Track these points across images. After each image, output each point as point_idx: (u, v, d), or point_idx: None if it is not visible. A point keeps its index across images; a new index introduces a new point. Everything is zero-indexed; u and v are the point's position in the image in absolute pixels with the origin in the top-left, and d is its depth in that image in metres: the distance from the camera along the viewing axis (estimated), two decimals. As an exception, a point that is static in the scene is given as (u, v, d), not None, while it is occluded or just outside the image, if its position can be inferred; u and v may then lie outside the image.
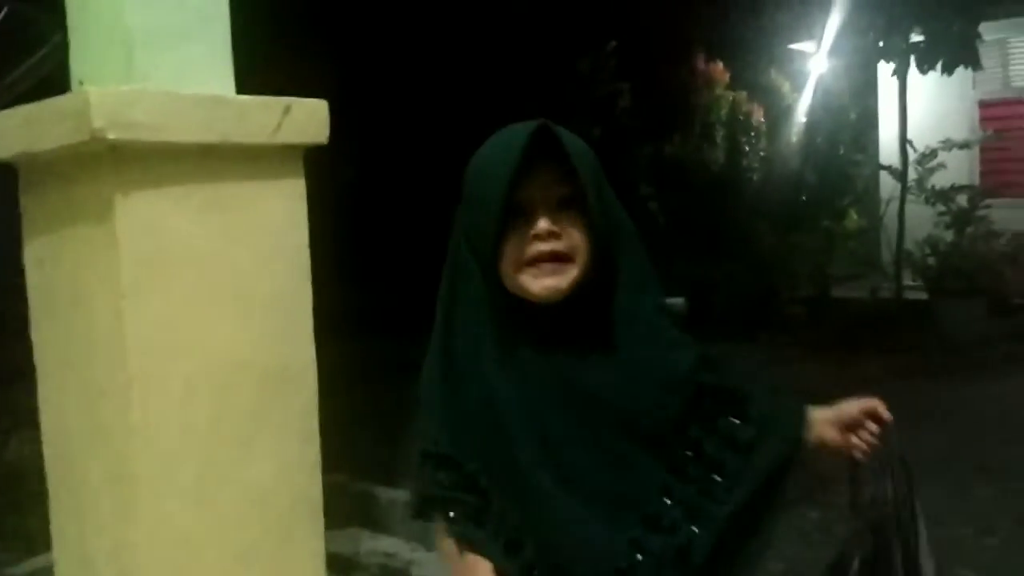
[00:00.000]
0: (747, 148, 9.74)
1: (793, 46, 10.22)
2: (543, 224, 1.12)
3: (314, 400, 1.51)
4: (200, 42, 1.45)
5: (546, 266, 1.12)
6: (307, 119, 1.47)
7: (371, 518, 3.57)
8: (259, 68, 1.84)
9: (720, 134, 9.73)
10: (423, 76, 8.55)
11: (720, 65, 9.84)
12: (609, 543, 1.10)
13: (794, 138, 9.75)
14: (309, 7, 7.50)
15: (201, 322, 1.37)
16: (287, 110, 1.44)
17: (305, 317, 1.50)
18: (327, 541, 3.48)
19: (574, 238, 1.13)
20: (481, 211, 1.12)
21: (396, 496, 3.58)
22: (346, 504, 3.81)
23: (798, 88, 9.97)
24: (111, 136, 1.26)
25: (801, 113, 9.88)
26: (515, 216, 1.12)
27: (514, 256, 1.12)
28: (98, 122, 1.24)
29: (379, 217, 8.35)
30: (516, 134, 1.12)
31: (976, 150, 8.87)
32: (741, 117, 9.72)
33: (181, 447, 1.35)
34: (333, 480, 3.98)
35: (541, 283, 1.12)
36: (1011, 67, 9.36)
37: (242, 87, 1.52)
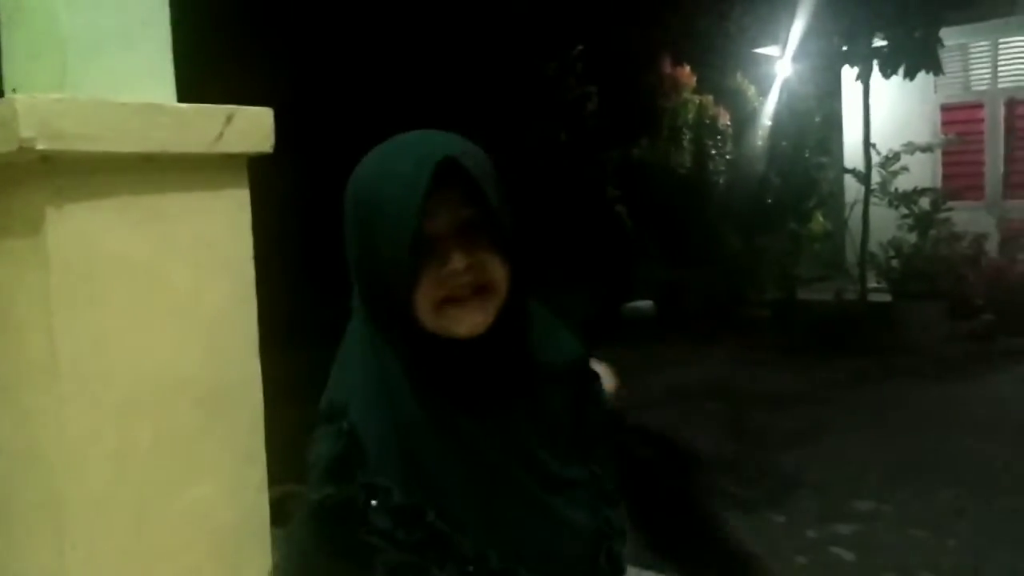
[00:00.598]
0: (713, 151, 9.80)
1: (759, 50, 10.30)
2: (458, 261, 1.02)
3: (259, 417, 1.46)
4: (139, 49, 1.40)
5: (469, 302, 1.03)
6: (251, 127, 1.43)
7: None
8: (205, 75, 1.79)
9: (687, 138, 9.78)
10: (383, 80, 8.50)
11: (687, 69, 9.89)
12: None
13: (760, 141, 9.83)
14: (262, 10, 7.40)
15: (138, 339, 1.32)
16: (229, 118, 1.39)
17: (249, 332, 1.45)
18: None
19: (490, 266, 1.04)
20: (385, 247, 1.01)
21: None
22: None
23: (763, 92, 10.05)
24: (41, 146, 1.20)
25: (766, 117, 9.96)
26: (421, 247, 1.01)
27: (431, 295, 1.02)
28: (26, 132, 1.19)
29: (334, 224, 8.29)
30: (419, 161, 1.00)
31: (938, 153, 8.99)
32: (707, 121, 9.79)
33: (118, 469, 1.30)
34: (295, 491, 3.94)
35: (467, 322, 1.03)
36: (972, 72, 9.50)
37: (185, 95, 1.47)
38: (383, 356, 1.04)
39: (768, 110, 9.92)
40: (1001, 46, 9.27)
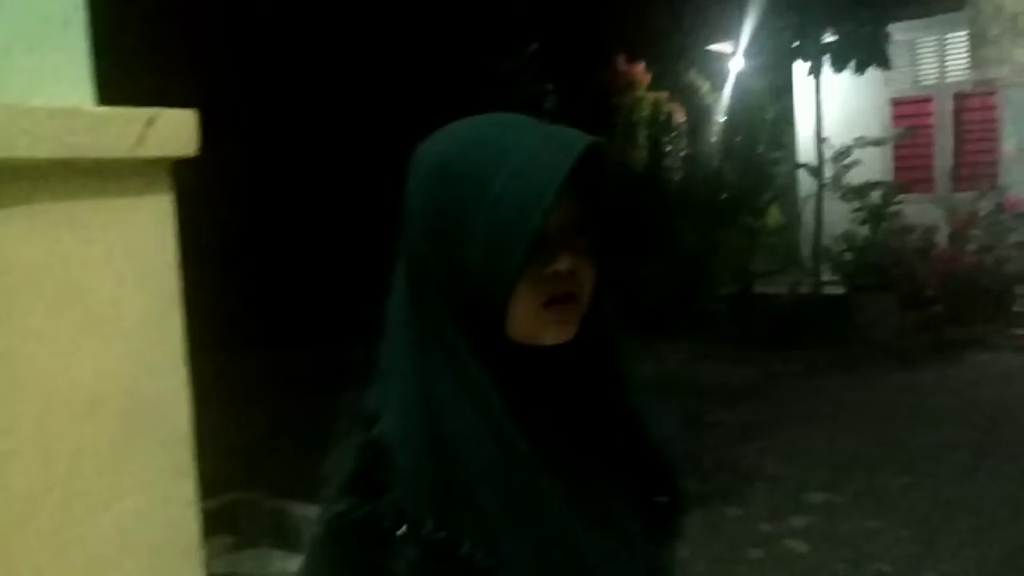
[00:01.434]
0: (668, 148, 9.83)
1: (712, 47, 10.37)
2: (566, 263, 0.91)
3: (188, 430, 1.42)
4: (55, 50, 1.35)
5: (560, 309, 0.92)
6: (174, 130, 1.38)
7: (284, 536, 3.46)
8: (132, 76, 1.74)
9: (642, 134, 9.80)
10: (328, 78, 8.39)
11: (641, 66, 9.91)
12: None
13: (714, 137, 9.88)
14: (195, 5, 7.26)
15: (55, 353, 1.27)
16: (150, 121, 1.35)
17: (174, 342, 1.41)
18: (237, 562, 3.36)
19: (584, 275, 0.94)
20: (498, 240, 0.86)
21: (311, 513, 3.48)
22: (259, 522, 3.70)
23: (717, 88, 10.11)
24: (-54, 153, 1.16)
25: (721, 113, 10.01)
26: (536, 246, 0.88)
27: (531, 299, 0.91)
28: (-69, 138, 1.14)
29: (282, 226, 8.17)
30: (559, 145, 0.88)
31: (889, 147, 9.10)
32: (662, 118, 9.81)
33: (37, 488, 1.25)
34: (246, 497, 3.87)
35: (557, 331, 0.93)
36: (919, 66, 9.64)
37: (112, 98, 1.42)
38: (432, 360, 0.92)
39: (722, 106, 9.98)
40: (948, 41, 9.43)
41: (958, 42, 9.34)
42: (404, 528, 0.85)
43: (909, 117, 9.54)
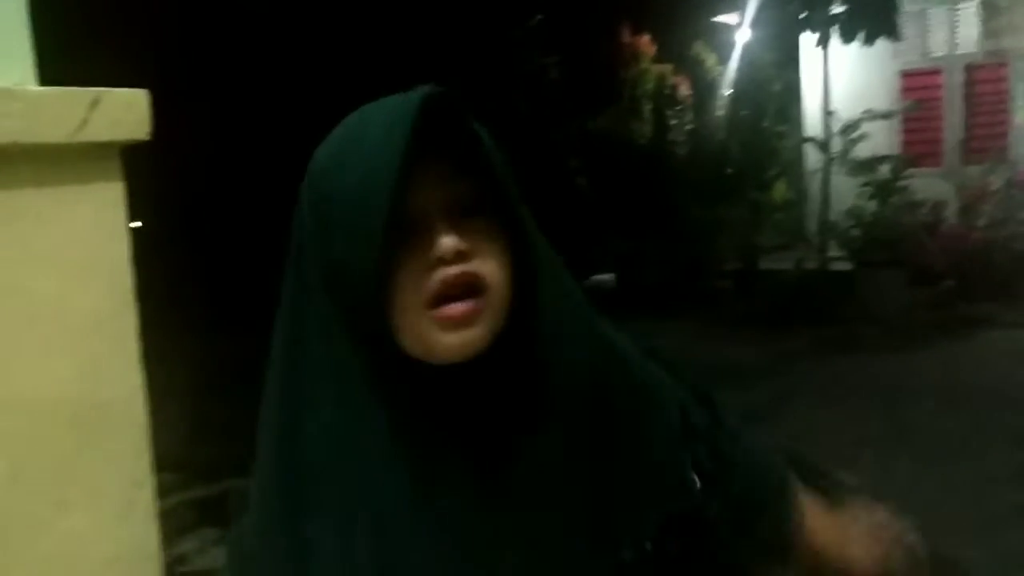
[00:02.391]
0: (673, 121, 9.68)
1: (718, 18, 10.18)
2: (448, 241, 0.73)
3: (144, 437, 1.31)
4: (-11, 25, 1.23)
5: (456, 307, 0.73)
6: (122, 112, 1.26)
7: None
8: (78, 57, 1.62)
9: (647, 107, 9.65)
10: (324, 48, 8.21)
11: (646, 38, 9.74)
12: None
13: (720, 110, 9.73)
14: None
15: (-7, 356, 1.17)
16: (95, 103, 1.23)
17: (128, 342, 1.29)
18: (217, 553, 3.27)
19: (487, 259, 0.75)
20: (351, 229, 0.73)
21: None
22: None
23: (723, 60, 9.94)
24: None
25: (727, 85, 9.85)
26: (399, 233, 0.73)
27: (407, 295, 0.74)
28: None
29: (246, 205, 8.01)
30: (395, 108, 0.73)
31: (898, 120, 8.93)
32: (667, 90, 9.66)
33: (-28, 504, 1.15)
34: (239, 486, 3.80)
35: (454, 339, 0.74)
36: (929, 37, 9.43)
37: (52, 79, 1.30)
38: (309, 394, 0.77)
39: (728, 79, 9.81)
40: (959, 11, 9.22)
41: (969, 12, 9.13)
42: None
43: (918, 89, 9.35)
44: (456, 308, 0.74)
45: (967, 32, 9.22)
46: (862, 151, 7.95)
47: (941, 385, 5.45)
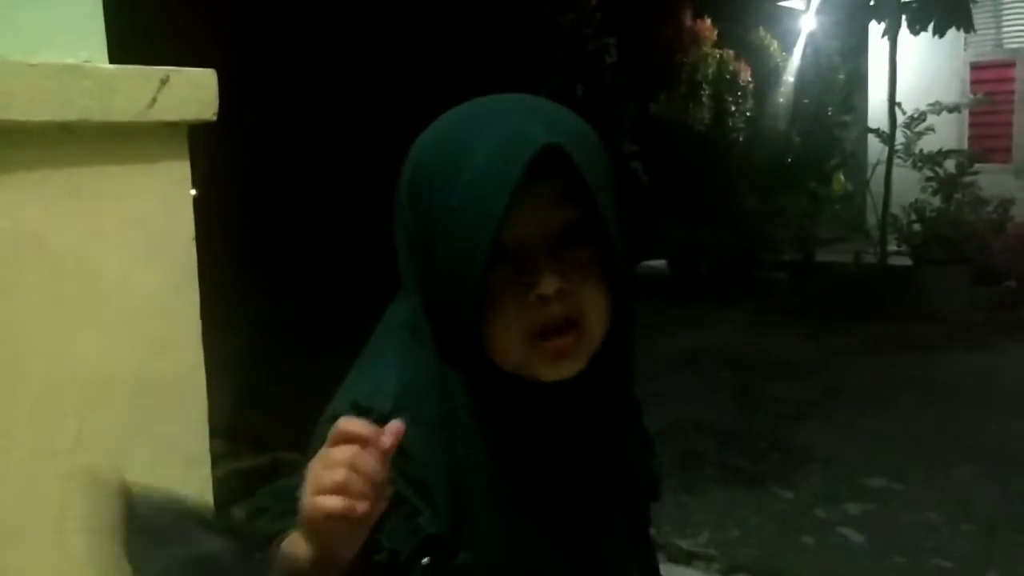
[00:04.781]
0: (733, 108, 9.52)
1: (782, 3, 9.97)
2: (550, 282, 0.76)
3: (203, 416, 1.32)
4: (62, 2, 1.23)
5: (558, 342, 0.78)
6: (190, 92, 1.27)
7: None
8: (149, 36, 1.62)
9: (706, 93, 9.50)
10: (381, 31, 8.22)
11: (708, 22, 9.58)
12: None
13: (781, 98, 9.53)
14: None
15: (58, 331, 1.18)
16: (164, 82, 1.23)
17: (190, 322, 1.30)
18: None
19: (587, 293, 0.79)
20: (450, 255, 0.76)
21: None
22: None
23: (787, 47, 9.73)
24: (-62, 114, 1.06)
25: (789, 73, 9.64)
26: (502, 260, 0.76)
27: (508, 320, 0.78)
28: (-79, 97, 1.04)
29: (314, 186, 8.07)
30: (509, 142, 0.75)
31: (966, 114, 8.67)
32: (728, 76, 9.49)
33: (34, 478, 1.17)
34: (287, 458, 3.82)
35: (556, 366, 0.79)
36: (1004, 28, 9.13)
37: (122, 57, 1.30)
38: (448, 378, 0.81)
39: (791, 66, 9.61)
40: (1036, 1, 8.91)
41: (1047, 3, 8.83)
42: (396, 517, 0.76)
43: (989, 82, 9.06)
44: (558, 344, 0.78)
45: (1044, 24, 8.91)
46: (928, 144, 7.74)
47: (1002, 389, 5.31)
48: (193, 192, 1.52)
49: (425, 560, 0.78)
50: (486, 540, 0.80)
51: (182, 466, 1.31)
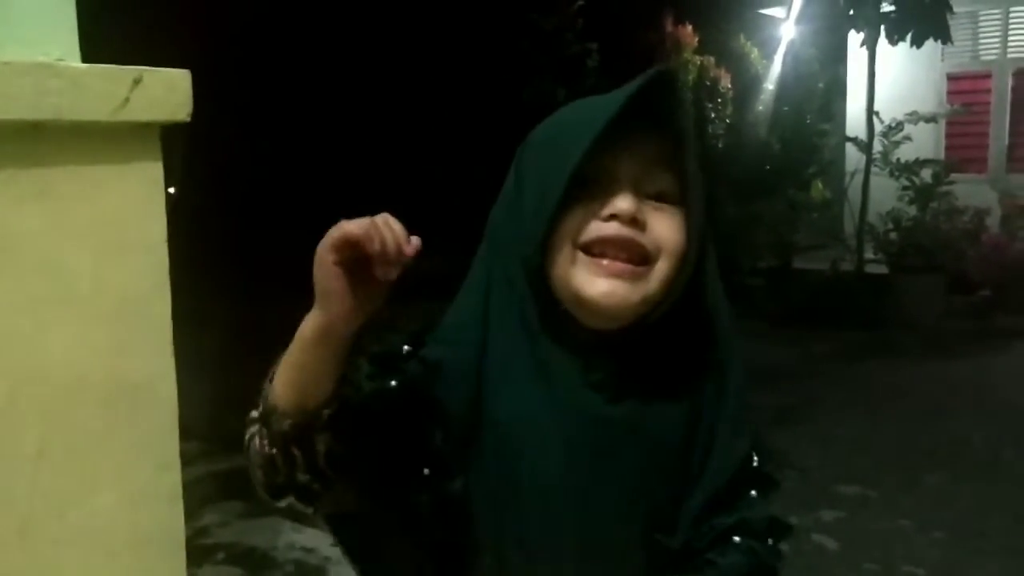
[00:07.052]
0: (713, 115, 9.55)
1: (763, 11, 10.03)
2: (625, 203, 0.80)
3: (173, 418, 1.31)
4: (33, -2, 1.21)
5: (614, 263, 0.81)
6: (164, 92, 1.25)
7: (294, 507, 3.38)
8: (122, 33, 1.60)
9: (686, 99, 9.53)
10: (362, 34, 8.20)
11: (689, 28, 9.61)
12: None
13: (761, 106, 9.57)
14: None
15: (26, 332, 1.16)
16: (138, 81, 1.21)
17: (162, 323, 1.28)
18: (246, 531, 3.29)
19: (664, 236, 0.83)
20: (540, 182, 0.81)
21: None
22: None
23: (767, 55, 9.78)
24: (-97, 111, 1.04)
25: (769, 80, 9.69)
26: (586, 191, 0.82)
27: (570, 235, 0.81)
28: None
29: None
30: (617, 92, 0.82)
31: (942, 124, 8.76)
32: (708, 83, 9.52)
33: (2, 479, 1.15)
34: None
35: (601, 285, 0.81)
36: (980, 40, 9.23)
37: (93, 56, 1.28)
38: (496, 307, 0.86)
39: (771, 74, 9.66)
40: (1012, 14, 9.01)
41: (1022, 16, 8.92)
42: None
43: (965, 93, 9.16)
44: (613, 265, 0.81)
45: (1019, 36, 9.01)
46: (905, 154, 7.81)
47: (976, 396, 5.36)
48: (172, 190, 1.51)
49: (406, 348, 0.88)
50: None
51: (152, 472, 1.29)
